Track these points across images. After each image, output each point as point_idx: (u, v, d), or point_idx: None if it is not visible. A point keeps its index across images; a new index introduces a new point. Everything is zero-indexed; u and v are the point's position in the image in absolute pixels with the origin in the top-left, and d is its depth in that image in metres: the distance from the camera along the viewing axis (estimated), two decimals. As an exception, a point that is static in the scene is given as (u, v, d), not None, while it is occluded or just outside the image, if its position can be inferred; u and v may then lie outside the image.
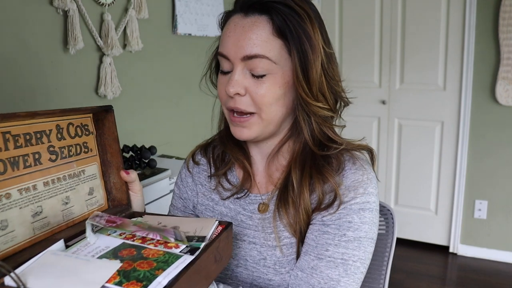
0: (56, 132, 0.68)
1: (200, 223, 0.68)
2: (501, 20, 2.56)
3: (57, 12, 1.43)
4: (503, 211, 2.79)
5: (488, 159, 2.77)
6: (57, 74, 1.48)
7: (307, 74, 0.76)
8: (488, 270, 2.75)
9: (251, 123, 0.79)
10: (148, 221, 0.69)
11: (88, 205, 0.74)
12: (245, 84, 0.76)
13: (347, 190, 0.78)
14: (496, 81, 2.62)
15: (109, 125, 0.76)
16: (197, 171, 0.97)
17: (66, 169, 0.70)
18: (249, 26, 0.75)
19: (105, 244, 0.61)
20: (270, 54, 0.74)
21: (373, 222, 0.77)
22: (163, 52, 1.96)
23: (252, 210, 0.86)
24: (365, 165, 0.80)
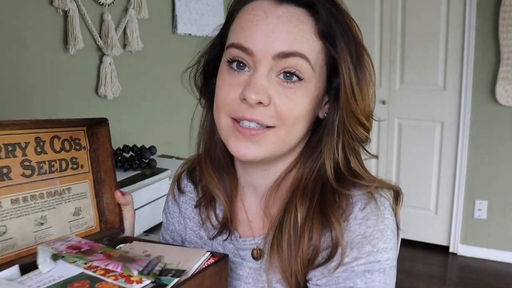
0: (35, 146, 0.62)
1: (188, 253, 0.60)
2: (501, 20, 2.56)
3: (57, 12, 1.43)
4: (503, 211, 2.79)
5: (488, 159, 2.77)
6: (57, 74, 1.48)
7: (363, 85, 0.61)
8: (488, 270, 2.75)
9: (265, 138, 0.60)
10: (134, 248, 0.64)
11: (72, 227, 0.66)
12: (269, 90, 0.59)
13: (348, 248, 0.59)
14: (496, 81, 2.62)
15: (104, 139, 0.69)
16: (183, 201, 0.80)
17: (45, 186, 0.63)
18: (287, 18, 0.58)
19: (60, 273, 0.54)
20: (310, 55, 0.59)
21: (386, 285, 0.60)
22: (163, 52, 1.96)
23: (243, 257, 0.70)
24: (379, 210, 0.61)
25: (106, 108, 1.65)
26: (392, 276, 0.61)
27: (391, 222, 0.62)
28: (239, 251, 0.70)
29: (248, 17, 0.60)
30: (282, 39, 0.57)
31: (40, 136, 0.63)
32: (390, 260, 0.60)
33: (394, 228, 0.63)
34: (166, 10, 1.97)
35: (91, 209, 0.70)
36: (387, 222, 0.61)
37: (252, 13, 0.60)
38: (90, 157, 0.70)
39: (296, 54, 0.58)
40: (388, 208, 0.63)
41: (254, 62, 0.59)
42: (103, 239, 0.68)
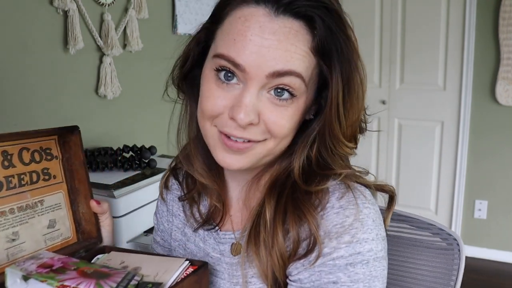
0: (2, 159, 0.60)
1: (167, 263, 0.58)
2: (501, 20, 2.56)
3: (57, 12, 1.43)
4: (503, 211, 2.79)
5: (488, 159, 2.77)
6: (57, 74, 1.48)
7: (349, 109, 0.59)
8: (488, 270, 2.75)
9: (252, 151, 0.60)
10: (111, 259, 0.62)
11: (47, 240, 0.64)
12: (259, 108, 0.57)
13: (327, 238, 0.57)
14: (496, 81, 2.62)
15: (76, 148, 0.67)
16: (171, 199, 0.80)
17: (15, 200, 0.61)
18: (284, 34, 0.54)
19: None
20: (305, 73, 0.57)
21: (372, 278, 0.57)
22: (163, 52, 1.96)
23: (222, 252, 0.68)
24: (358, 199, 0.60)
25: (106, 108, 1.65)
26: (378, 268, 0.58)
27: (372, 211, 0.59)
28: (219, 245, 0.69)
29: (240, 29, 0.55)
30: (278, 58, 0.54)
31: (7, 149, 0.61)
32: (373, 252, 0.57)
33: (377, 218, 0.60)
34: (166, 10, 1.97)
35: (67, 219, 0.68)
36: (367, 211, 0.59)
37: (245, 24, 0.55)
38: (63, 167, 0.67)
39: (291, 73, 0.55)
40: (368, 198, 0.61)
41: (245, 78, 0.56)
42: (80, 250, 0.67)
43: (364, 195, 0.61)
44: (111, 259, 0.63)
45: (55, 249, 0.65)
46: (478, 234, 2.88)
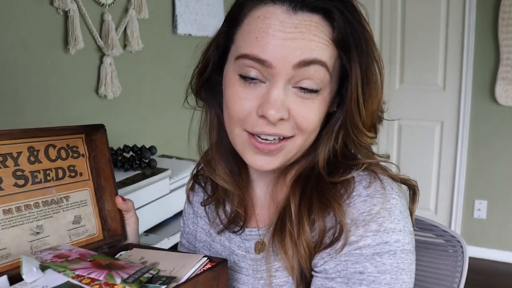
0: (28, 155, 0.61)
1: (185, 259, 0.58)
2: (501, 21, 2.56)
3: (57, 12, 1.43)
4: (502, 211, 2.79)
5: (487, 159, 2.78)
6: (58, 74, 1.48)
7: (368, 99, 0.60)
8: (488, 270, 2.76)
9: (282, 150, 0.60)
10: (132, 255, 0.63)
11: (72, 235, 0.66)
12: (287, 103, 0.57)
13: (353, 225, 0.57)
14: (496, 81, 2.63)
15: (101, 146, 0.68)
16: (196, 201, 0.81)
17: (40, 195, 0.62)
18: (306, 26, 0.56)
19: (45, 283, 0.52)
20: (329, 62, 0.57)
21: (399, 270, 0.56)
22: (163, 52, 1.96)
23: (247, 249, 0.69)
24: (385, 189, 0.59)
25: (106, 108, 1.65)
26: (406, 260, 0.57)
27: (399, 203, 0.59)
28: (244, 242, 0.69)
29: (261, 27, 0.56)
30: (303, 47, 0.55)
31: (34, 146, 0.62)
32: (400, 243, 0.56)
33: (404, 210, 0.59)
34: (166, 10, 1.97)
35: (93, 217, 0.69)
36: (394, 202, 0.58)
37: (266, 22, 0.56)
38: (89, 165, 0.68)
39: (316, 62, 0.56)
40: (395, 190, 0.61)
41: (271, 74, 0.56)
42: (104, 246, 0.67)
43: (391, 186, 0.61)
44: (132, 255, 0.64)
45: (80, 244, 0.65)
46: (477, 234, 2.88)
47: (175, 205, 1.51)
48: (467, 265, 0.81)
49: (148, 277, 0.52)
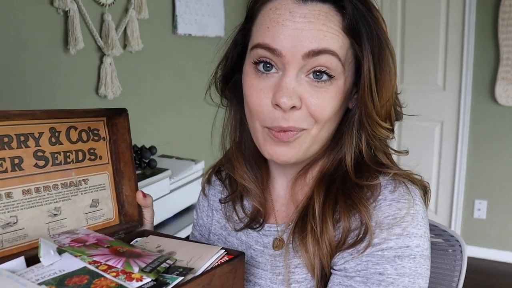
0: (50, 136, 0.61)
1: (202, 250, 0.58)
2: (501, 21, 2.56)
3: (57, 13, 1.43)
4: (502, 211, 2.79)
5: (487, 159, 2.78)
6: (58, 74, 1.48)
7: (382, 87, 0.60)
8: (488, 270, 2.76)
9: (298, 140, 0.61)
10: (149, 242, 0.63)
11: (88, 219, 0.65)
12: (300, 91, 0.58)
13: (378, 228, 0.58)
14: (496, 81, 2.63)
15: (123, 130, 0.68)
16: (212, 194, 0.82)
17: (59, 177, 0.62)
18: (315, 16, 0.57)
19: (62, 267, 0.52)
20: (340, 51, 0.58)
21: (417, 274, 0.57)
22: (163, 52, 1.96)
23: (265, 244, 0.69)
24: (410, 194, 0.60)
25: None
26: (423, 265, 0.58)
27: (422, 210, 0.60)
28: (262, 238, 0.70)
29: (272, 17, 0.58)
30: (312, 37, 0.56)
31: (55, 127, 0.62)
32: (420, 248, 0.58)
33: (425, 217, 0.61)
34: (166, 11, 1.97)
35: (110, 201, 0.68)
36: (418, 208, 0.60)
37: (276, 12, 0.58)
38: (109, 148, 0.68)
39: (326, 51, 0.57)
40: (418, 196, 0.62)
41: (282, 63, 0.58)
42: (120, 232, 0.67)
43: (415, 192, 0.62)
44: (149, 242, 0.63)
45: (96, 228, 0.65)
46: (477, 234, 2.88)
47: (175, 205, 1.51)
48: (466, 265, 0.81)
49: (165, 267, 0.52)
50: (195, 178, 1.62)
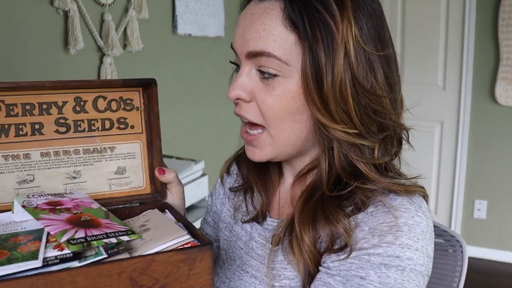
0: (74, 105, 0.64)
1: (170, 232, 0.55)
2: (501, 21, 2.56)
3: (57, 13, 1.43)
4: (502, 211, 2.80)
5: (487, 159, 2.78)
6: (58, 74, 1.48)
7: (320, 82, 0.56)
8: (488, 270, 2.76)
9: (261, 142, 0.62)
10: (145, 215, 0.63)
11: (112, 185, 0.67)
12: (252, 87, 0.60)
13: (370, 234, 0.55)
14: (496, 81, 2.63)
15: (152, 101, 0.68)
16: (229, 182, 0.83)
17: (81, 143, 0.64)
18: (259, 14, 0.57)
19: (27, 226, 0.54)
20: (278, 51, 0.56)
21: (402, 287, 0.53)
22: (163, 52, 1.96)
23: (267, 238, 0.69)
24: (413, 205, 0.57)
25: (106, 108, 1.65)
26: (413, 281, 0.53)
27: (424, 223, 0.56)
28: (265, 231, 0.69)
29: (238, 18, 0.62)
30: (250, 39, 0.57)
31: (81, 96, 0.64)
32: (413, 261, 0.53)
33: (427, 231, 0.56)
34: (166, 11, 1.97)
35: (140, 170, 0.69)
36: (418, 219, 0.55)
37: (241, 13, 0.61)
38: (144, 118, 0.69)
39: (262, 54, 0.57)
40: (423, 209, 0.58)
41: (240, 61, 0.62)
42: (147, 201, 0.68)
43: (420, 204, 0.58)
44: (146, 215, 0.63)
45: (121, 195, 0.67)
46: (477, 234, 2.88)
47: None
48: (467, 265, 0.81)
49: (109, 242, 0.49)
50: (195, 178, 1.62)
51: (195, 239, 0.54)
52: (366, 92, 0.56)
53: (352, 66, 0.55)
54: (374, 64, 0.57)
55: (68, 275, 0.44)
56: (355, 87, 0.56)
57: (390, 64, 0.60)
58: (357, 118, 0.57)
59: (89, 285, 0.45)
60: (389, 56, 0.60)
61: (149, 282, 0.47)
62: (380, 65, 0.58)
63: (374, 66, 0.57)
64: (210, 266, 0.51)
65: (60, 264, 0.46)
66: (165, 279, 0.48)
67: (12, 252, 0.46)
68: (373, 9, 0.58)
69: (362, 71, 0.56)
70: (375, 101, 0.58)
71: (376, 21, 0.58)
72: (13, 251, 0.47)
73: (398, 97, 0.62)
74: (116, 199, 0.66)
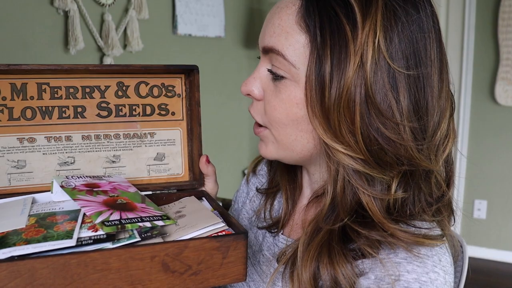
0: (116, 89, 0.64)
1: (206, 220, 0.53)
2: (501, 21, 2.56)
3: (57, 13, 1.43)
4: (502, 211, 2.80)
5: (487, 159, 2.78)
6: (58, 74, 1.48)
7: (322, 92, 0.49)
8: (488, 270, 2.76)
9: (266, 138, 0.59)
10: (181, 202, 0.62)
11: (151, 171, 0.67)
12: (263, 85, 0.56)
13: (375, 284, 0.48)
14: (496, 82, 2.63)
15: (194, 88, 0.66)
16: (253, 182, 0.78)
17: (122, 127, 0.65)
18: (280, 8, 0.53)
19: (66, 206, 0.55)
20: (288, 51, 0.51)
21: None
22: (163, 52, 1.96)
23: (274, 254, 0.63)
24: (429, 258, 0.49)
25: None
26: None
27: (440, 279, 0.48)
28: (274, 247, 0.65)
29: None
30: (267, 33, 0.54)
31: (124, 81, 0.64)
32: None
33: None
34: (166, 11, 1.97)
35: (180, 157, 0.69)
36: (434, 276, 0.47)
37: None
38: (185, 105, 0.68)
39: (272, 50, 0.52)
40: (444, 263, 0.49)
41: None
42: (185, 188, 0.68)
43: (440, 257, 0.50)
44: (182, 202, 0.63)
45: (160, 181, 0.68)
46: (477, 234, 2.88)
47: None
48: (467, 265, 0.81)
49: (139, 226, 0.49)
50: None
51: (230, 228, 0.53)
52: (379, 113, 0.48)
53: (367, 81, 0.47)
54: (399, 83, 0.48)
55: (101, 256, 0.44)
56: (367, 105, 0.48)
57: (424, 87, 0.50)
58: (363, 141, 0.49)
59: (121, 267, 0.45)
60: (423, 77, 0.50)
61: (182, 268, 0.47)
62: (407, 86, 0.48)
63: (399, 86, 0.48)
64: (244, 255, 0.49)
65: (93, 244, 0.47)
66: (197, 266, 0.47)
67: (48, 231, 0.48)
68: (414, 20, 0.49)
69: (381, 89, 0.47)
70: (388, 127, 0.48)
71: (415, 35, 0.49)
72: (50, 229, 0.48)
73: (429, 128, 0.51)
74: (154, 185, 0.67)
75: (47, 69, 0.59)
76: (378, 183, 0.50)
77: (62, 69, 0.60)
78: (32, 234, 0.47)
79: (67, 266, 0.43)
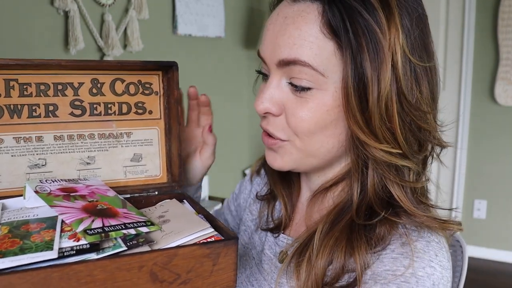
0: (91, 87, 0.60)
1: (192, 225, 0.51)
2: (500, 21, 2.56)
3: (57, 13, 1.43)
4: (502, 211, 2.80)
5: (487, 159, 2.78)
6: (58, 74, 1.48)
7: (364, 97, 0.50)
8: (488, 270, 2.76)
9: (283, 149, 0.57)
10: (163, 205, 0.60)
11: (128, 172, 0.63)
12: (282, 100, 0.54)
13: (372, 280, 0.50)
14: (495, 81, 2.63)
15: (172, 85, 0.64)
16: (257, 183, 0.79)
17: (97, 127, 0.61)
18: (293, 17, 0.51)
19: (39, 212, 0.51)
20: (315, 61, 0.50)
21: None
22: (163, 52, 1.96)
23: (275, 253, 0.65)
24: (426, 253, 0.50)
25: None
26: None
27: (437, 274, 0.49)
28: (276, 246, 0.66)
29: (266, 22, 0.55)
30: (283, 45, 0.51)
31: (98, 78, 0.61)
32: None
33: (440, 284, 0.49)
34: (166, 11, 1.97)
35: (157, 157, 0.65)
36: (430, 271, 0.49)
37: (270, 17, 0.55)
38: (162, 103, 0.65)
39: (296, 62, 0.51)
40: (440, 257, 0.51)
41: (268, 70, 0.55)
42: (164, 190, 0.65)
43: (436, 252, 0.51)
44: (164, 205, 0.60)
45: (137, 183, 0.65)
46: (477, 234, 2.88)
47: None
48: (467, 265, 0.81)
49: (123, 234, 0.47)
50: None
51: (219, 233, 0.51)
52: (411, 107, 0.51)
53: (399, 79, 0.50)
54: (419, 76, 0.51)
55: (85, 268, 0.40)
56: (401, 102, 0.50)
57: (433, 76, 0.54)
58: (402, 137, 0.51)
59: (107, 279, 0.41)
60: (433, 68, 0.54)
61: (170, 277, 0.44)
62: (426, 78, 0.52)
63: (419, 79, 0.51)
64: (234, 261, 0.48)
65: (76, 255, 0.43)
66: (186, 274, 0.45)
67: (25, 241, 0.43)
68: (419, 15, 0.53)
69: (408, 85, 0.51)
70: (420, 118, 0.52)
71: (422, 29, 0.52)
72: (26, 240, 0.44)
73: (438, 112, 0.57)
74: (132, 187, 0.63)
75: (15, 64, 0.54)
76: (406, 173, 0.54)
77: (33, 64, 0.55)
78: (7, 246, 0.42)
79: (48, 281, 0.39)
